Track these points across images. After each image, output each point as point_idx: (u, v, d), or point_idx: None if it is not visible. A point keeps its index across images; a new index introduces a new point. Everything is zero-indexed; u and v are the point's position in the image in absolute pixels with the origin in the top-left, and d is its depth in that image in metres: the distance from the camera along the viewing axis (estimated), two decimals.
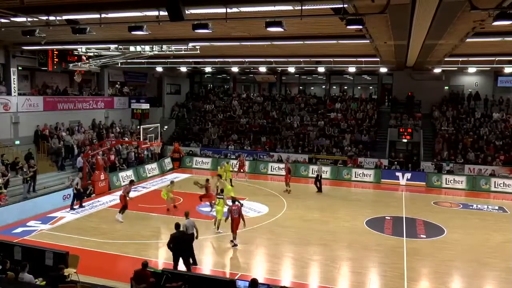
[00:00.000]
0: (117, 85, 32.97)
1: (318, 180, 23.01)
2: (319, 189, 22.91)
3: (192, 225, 12.73)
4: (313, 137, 30.70)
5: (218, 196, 15.97)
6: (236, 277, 11.04)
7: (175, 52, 20.00)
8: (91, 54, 21.72)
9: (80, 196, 18.92)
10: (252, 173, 27.47)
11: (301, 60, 24.29)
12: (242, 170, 25.75)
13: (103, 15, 12.09)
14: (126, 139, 27.63)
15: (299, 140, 30.73)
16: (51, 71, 24.97)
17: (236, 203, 14.56)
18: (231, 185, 21.58)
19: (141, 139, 22.31)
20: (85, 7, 11.90)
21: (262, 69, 28.87)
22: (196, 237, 12.76)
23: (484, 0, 9.50)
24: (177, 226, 11.92)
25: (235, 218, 14.06)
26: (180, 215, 15.55)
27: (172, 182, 19.43)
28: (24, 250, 11.18)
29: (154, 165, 27.41)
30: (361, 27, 11.45)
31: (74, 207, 18.51)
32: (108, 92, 30.71)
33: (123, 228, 16.12)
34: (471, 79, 31.73)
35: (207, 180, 18.93)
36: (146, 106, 30.77)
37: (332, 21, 12.82)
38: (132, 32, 12.77)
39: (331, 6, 10.63)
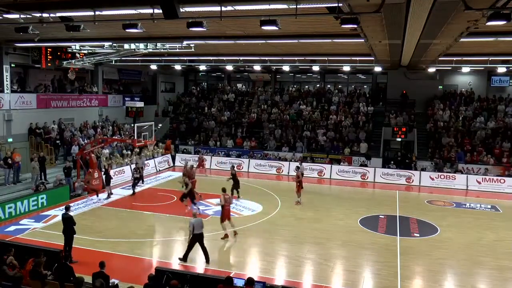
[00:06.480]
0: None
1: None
2: None
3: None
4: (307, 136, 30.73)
5: None
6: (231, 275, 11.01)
7: (169, 50, 19.93)
8: (85, 51, 21.58)
9: None
10: (245, 172, 27.49)
11: (296, 58, 24.29)
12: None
13: (97, 13, 12.01)
14: (117, 137, 27.46)
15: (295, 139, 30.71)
16: (44, 68, 24.79)
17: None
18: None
19: (135, 137, 22.21)
20: (79, 4, 11.82)
21: (257, 67, 28.84)
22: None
23: (478, 0, 9.55)
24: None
25: None
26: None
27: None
28: (17, 248, 11.07)
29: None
30: (356, 26, 11.45)
31: None
32: (102, 89, 30.53)
33: (117, 226, 16.07)
34: (465, 78, 31.94)
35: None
36: (140, 104, 30.63)
37: (327, 20, 12.84)
38: (127, 30, 12.72)
39: (326, 5, 10.62)
